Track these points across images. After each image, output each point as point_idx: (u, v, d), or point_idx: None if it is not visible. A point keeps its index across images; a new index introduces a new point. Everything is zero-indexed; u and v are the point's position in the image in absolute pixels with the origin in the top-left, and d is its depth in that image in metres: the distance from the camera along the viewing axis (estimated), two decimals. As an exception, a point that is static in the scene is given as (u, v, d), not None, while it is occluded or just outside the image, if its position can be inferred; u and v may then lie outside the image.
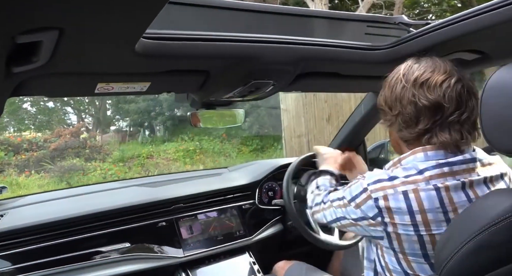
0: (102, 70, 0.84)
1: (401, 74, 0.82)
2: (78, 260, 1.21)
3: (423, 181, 0.76)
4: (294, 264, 1.31)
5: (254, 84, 1.05)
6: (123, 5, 0.52)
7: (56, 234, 1.22)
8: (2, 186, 1.38)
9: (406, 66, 0.84)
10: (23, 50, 0.59)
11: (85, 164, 7.40)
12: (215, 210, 1.50)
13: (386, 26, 1.17)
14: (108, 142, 9.59)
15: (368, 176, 0.83)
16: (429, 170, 0.76)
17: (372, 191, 0.79)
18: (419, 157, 0.80)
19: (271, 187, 1.66)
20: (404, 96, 0.80)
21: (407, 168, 0.79)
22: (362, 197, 0.81)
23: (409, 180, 0.76)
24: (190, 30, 0.84)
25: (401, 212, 0.75)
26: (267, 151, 8.66)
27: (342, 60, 1.07)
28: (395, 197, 0.76)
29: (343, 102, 6.79)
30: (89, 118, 12.77)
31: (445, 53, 0.99)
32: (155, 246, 1.34)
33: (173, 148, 8.73)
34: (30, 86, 0.81)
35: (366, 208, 0.80)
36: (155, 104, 10.15)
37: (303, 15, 1.06)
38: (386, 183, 0.78)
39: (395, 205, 0.76)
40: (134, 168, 7.70)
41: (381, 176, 0.80)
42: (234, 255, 1.46)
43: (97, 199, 1.45)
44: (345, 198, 0.88)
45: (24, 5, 0.46)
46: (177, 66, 0.91)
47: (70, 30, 0.57)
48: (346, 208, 0.87)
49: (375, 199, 0.78)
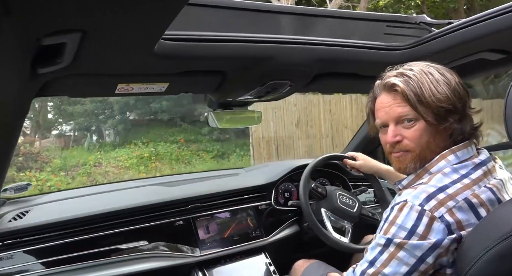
0: (123, 71, 0.86)
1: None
2: (98, 256, 1.24)
3: (474, 184, 0.71)
4: (314, 262, 1.31)
5: (271, 84, 1.05)
6: (143, 8, 0.54)
7: (77, 231, 1.25)
8: (27, 183, 1.42)
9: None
10: (48, 51, 0.61)
11: (17, 174, 6.18)
12: (231, 210, 1.50)
13: (406, 26, 1.14)
14: (47, 147, 8.24)
15: (411, 197, 0.71)
16: (472, 172, 0.73)
17: (432, 211, 0.68)
18: (451, 159, 0.76)
19: (287, 188, 1.66)
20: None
21: (447, 173, 0.73)
22: (424, 223, 0.68)
23: (461, 186, 0.71)
24: (207, 32, 0.85)
25: (472, 223, 0.69)
26: (229, 157, 8.07)
27: (361, 61, 1.05)
28: (459, 207, 0.68)
29: (313, 106, 6.62)
30: (27, 121, 10.05)
31: (468, 53, 0.96)
32: (172, 244, 1.35)
33: (125, 155, 7.86)
34: (54, 86, 0.84)
35: (436, 234, 0.67)
36: (104, 107, 9.21)
37: (322, 15, 1.06)
38: (440, 196, 0.69)
39: (463, 216, 0.68)
40: (78, 177, 6.75)
41: (429, 190, 0.71)
42: (250, 255, 1.46)
43: (117, 198, 1.48)
44: (394, 238, 0.70)
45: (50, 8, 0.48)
46: (194, 67, 0.92)
47: (92, 32, 0.59)
48: (403, 251, 0.69)
49: (441, 218, 0.68)
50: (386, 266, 0.71)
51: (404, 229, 0.70)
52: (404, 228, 0.70)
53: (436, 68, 0.79)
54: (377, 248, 0.74)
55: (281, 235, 1.54)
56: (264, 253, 1.48)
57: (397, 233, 0.70)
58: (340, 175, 1.75)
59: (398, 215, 0.71)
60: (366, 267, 0.75)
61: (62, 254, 1.20)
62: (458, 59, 1.03)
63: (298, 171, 1.60)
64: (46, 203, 1.41)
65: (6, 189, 1.34)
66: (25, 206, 1.34)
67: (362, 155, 1.43)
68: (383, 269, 0.71)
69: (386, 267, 0.71)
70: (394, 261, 0.70)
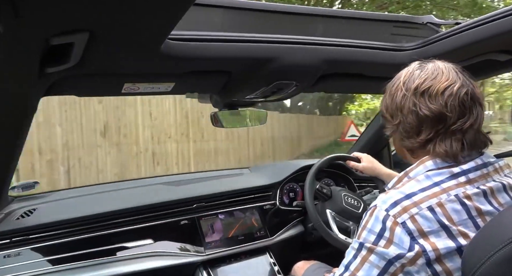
0: (129, 71, 0.86)
1: (401, 81, 0.78)
2: (104, 255, 1.25)
3: (443, 193, 0.70)
4: (314, 264, 1.30)
5: (276, 85, 1.05)
6: (150, 8, 0.54)
7: (84, 229, 1.26)
8: (35, 181, 1.44)
9: (407, 73, 0.79)
10: (56, 51, 0.62)
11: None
12: (236, 210, 1.51)
13: (413, 26, 1.14)
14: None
15: (380, 202, 0.73)
16: (445, 182, 0.72)
17: (395, 216, 0.69)
18: (428, 165, 0.76)
19: (292, 188, 1.65)
20: (404, 105, 0.76)
21: (420, 180, 0.73)
22: (388, 227, 0.69)
23: (428, 194, 0.71)
24: (213, 32, 0.86)
25: (435, 229, 0.68)
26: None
27: (367, 61, 1.05)
28: (422, 214, 0.69)
29: (127, 106, 4.42)
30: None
31: (476, 54, 0.95)
32: (177, 243, 1.36)
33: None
34: (62, 86, 0.85)
35: (399, 240, 0.68)
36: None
37: (328, 15, 1.05)
38: (405, 202, 0.70)
39: (425, 223, 0.68)
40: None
41: (396, 196, 0.72)
42: (254, 255, 1.46)
43: (123, 196, 1.49)
44: (365, 243, 0.72)
45: (58, 9, 0.48)
46: (200, 67, 0.92)
47: (99, 33, 0.59)
48: (373, 255, 0.70)
49: (402, 224, 0.68)
50: (359, 269, 0.73)
51: (373, 232, 0.71)
52: (373, 232, 0.72)
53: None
54: (352, 252, 0.76)
55: (285, 235, 1.54)
56: (268, 253, 1.48)
57: (367, 237, 0.72)
58: (345, 176, 1.74)
59: (369, 219, 0.73)
60: (342, 272, 0.76)
61: (69, 251, 1.21)
62: (466, 60, 1.02)
63: (303, 171, 1.60)
64: (54, 201, 1.42)
65: (14, 187, 1.36)
66: (33, 204, 1.36)
67: (367, 156, 1.42)
68: (356, 273, 0.73)
69: (359, 270, 0.72)
70: (366, 265, 0.72)
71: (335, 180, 1.71)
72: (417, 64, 0.81)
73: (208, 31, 0.86)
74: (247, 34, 0.88)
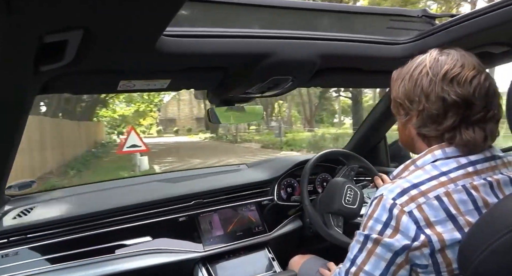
0: (124, 68, 0.86)
1: (427, 66, 0.77)
2: (102, 253, 1.25)
3: (450, 183, 0.71)
4: (310, 258, 1.31)
5: (273, 80, 1.05)
6: (144, 4, 0.54)
7: (81, 227, 1.26)
8: (32, 180, 1.43)
9: (431, 58, 0.78)
10: (50, 49, 0.61)
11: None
12: (234, 206, 1.51)
13: (408, 19, 1.14)
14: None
15: (386, 192, 0.73)
16: (453, 171, 0.72)
17: (402, 205, 0.69)
18: (437, 154, 0.76)
19: (290, 183, 1.66)
20: (433, 90, 0.74)
21: (427, 170, 0.74)
22: (395, 215, 0.69)
23: (436, 184, 0.71)
24: (208, 28, 0.85)
25: (442, 219, 0.69)
26: None
27: (363, 56, 1.05)
28: (429, 204, 0.69)
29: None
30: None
31: (472, 46, 0.95)
32: (176, 240, 1.36)
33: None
34: (57, 84, 0.84)
35: (405, 228, 0.68)
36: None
37: (323, 10, 1.05)
38: (413, 192, 0.70)
39: (432, 212, 0.69)
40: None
41: (404, 185, 0.72)
42: (253, 250, 1.47)
43: (121, 194, 1.48)
44: (371, 234, 0.72)
45: (52, 6, 0.48)
46: (196, 63, 0.92)
47: (94, 30, 0.59)
48: (380, 247, 0.70)
49: (409, 213, 0.69)
50: (366, 263, 0.72)
51: (380, 222, 0.71)
52: (379, 221, 0.71)
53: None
54: (357, 246, 0.75)
55: (284, 230, 1.55)
56: (267, 248, 1.49)
57: (374, 227, 0.72)
58: None
59: (375, 209, 0.73)
60: (348, 266, 0.76)
61: (67, 250, 1.21)
62: None
63: (301, 166, 1.60)
64: (51, 200, 1.42)
65: (10, 186, 1.35)
66: (30, 203, 1.35)
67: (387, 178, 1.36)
68: (363, 267, 0.73)
69: (366, 264, 0.72)
70: (372, 258, 0.72)
71: (332, 175, 1.72)
72: (437, 50, 0.79)
73: (203, 27, 0.85)
74: (243, 30, 0.88)
